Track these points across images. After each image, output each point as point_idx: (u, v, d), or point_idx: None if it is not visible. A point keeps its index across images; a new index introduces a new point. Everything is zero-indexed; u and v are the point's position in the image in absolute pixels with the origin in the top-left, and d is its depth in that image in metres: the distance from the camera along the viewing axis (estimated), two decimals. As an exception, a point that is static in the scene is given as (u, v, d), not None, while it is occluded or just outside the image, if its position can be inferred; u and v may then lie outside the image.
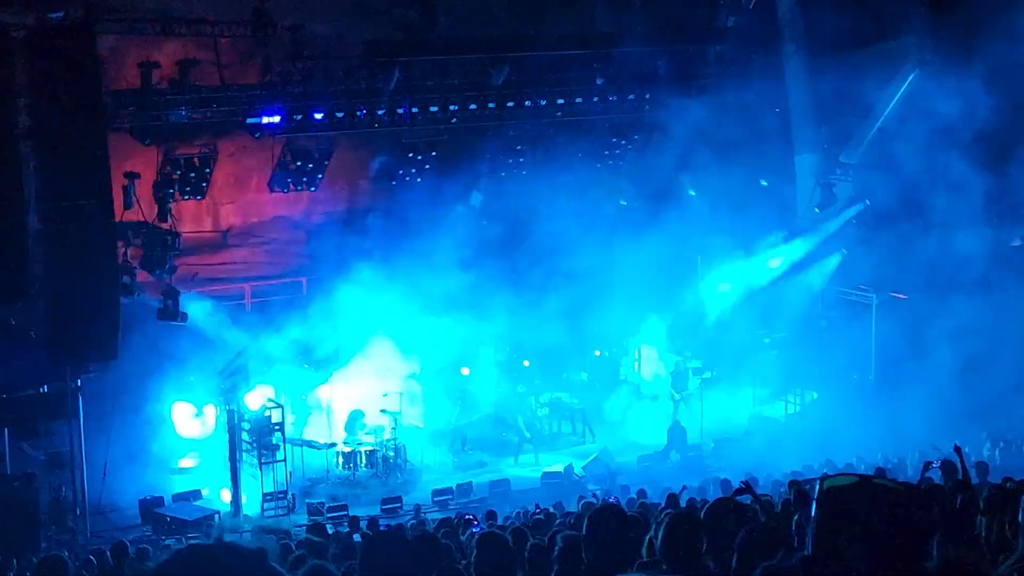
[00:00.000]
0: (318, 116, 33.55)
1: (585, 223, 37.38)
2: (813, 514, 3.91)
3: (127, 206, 31.95)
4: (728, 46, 37.95)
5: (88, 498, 30.93)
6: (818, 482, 4.01)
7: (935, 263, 33.60)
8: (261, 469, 31.90)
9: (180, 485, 33.05)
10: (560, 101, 36.52)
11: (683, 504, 21.61)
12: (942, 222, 33.57)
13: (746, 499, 12.93)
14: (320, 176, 37.46)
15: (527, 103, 36.18)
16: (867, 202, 37.69)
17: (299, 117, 33.48)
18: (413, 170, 38.04)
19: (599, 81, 36.68)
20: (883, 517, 3.75)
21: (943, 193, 33.55)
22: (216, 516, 30.58)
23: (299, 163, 36.78)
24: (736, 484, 25.89)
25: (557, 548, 9.75)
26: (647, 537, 9.31)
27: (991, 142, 32.69)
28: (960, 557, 8.77)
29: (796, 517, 9.71)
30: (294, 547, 18.75)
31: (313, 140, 35.92)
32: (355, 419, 34.64)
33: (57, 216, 28.70)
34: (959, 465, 15.67)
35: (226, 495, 32.09)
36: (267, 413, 32.54)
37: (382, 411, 35.13)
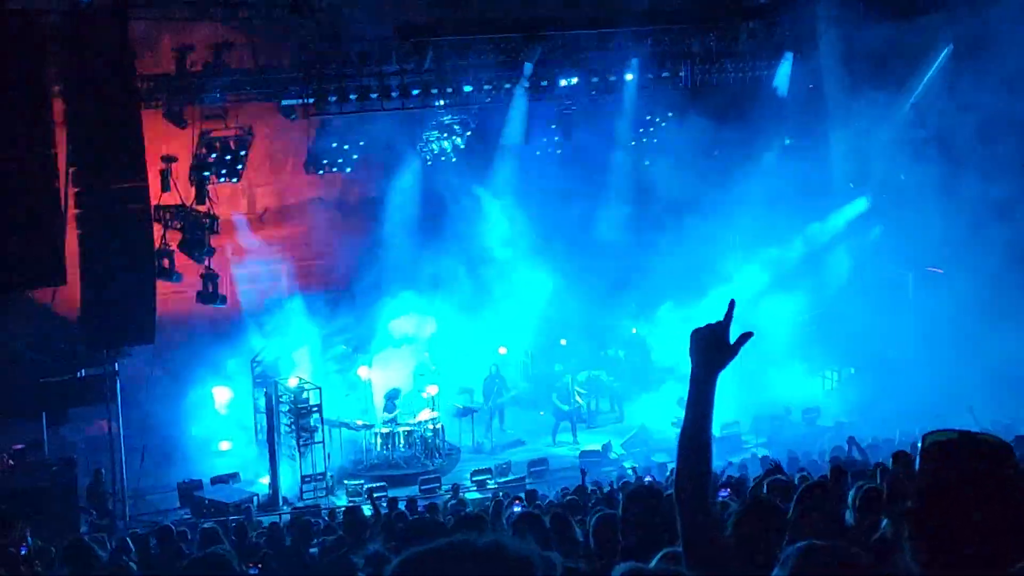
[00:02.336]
0: (352, 97, 33.52)
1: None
2: (917, 469, 3.94)
3: (164, 189, 32.05)
4: (761, 22, 37.73)
5: (127, 482, 31.04)
6: (920, 438, 4.05)
7: (972, 238, 33.41)
8: (300, 451, 31.96)
9: (219, 468, 33.16)
10: (595, 80, 36.39)
11: (723, 479, 21.61)
12: (978, 196, 33.38)
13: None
14: (356, 157, 37.46)
15: (560, 82, 36.07)
16: (902, 176, 37.56)
17: (333, 99, 33.47)
18: (449, 149, 38.18)
19: (633, 60, 36.54)
20: (986, 469, 3.79)
21: (979, 168, 33.37)
22: (254, 498, 30.65)
23: (333, 144, 36.81)
24: (777, 459, 25.99)
25: (591, 528, 9.74)
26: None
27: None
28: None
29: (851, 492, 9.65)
30: (334, 526, 18.82)
31: (347, 122, 35.89)
32: (392, 398, 34.65)
33: (93, 200, 28.77)
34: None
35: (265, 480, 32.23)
36: (305, 395, 32.58)
37: (419, 391, 35.19)
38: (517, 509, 19.61)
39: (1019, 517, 3.77)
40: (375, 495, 28.02)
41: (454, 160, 38.82)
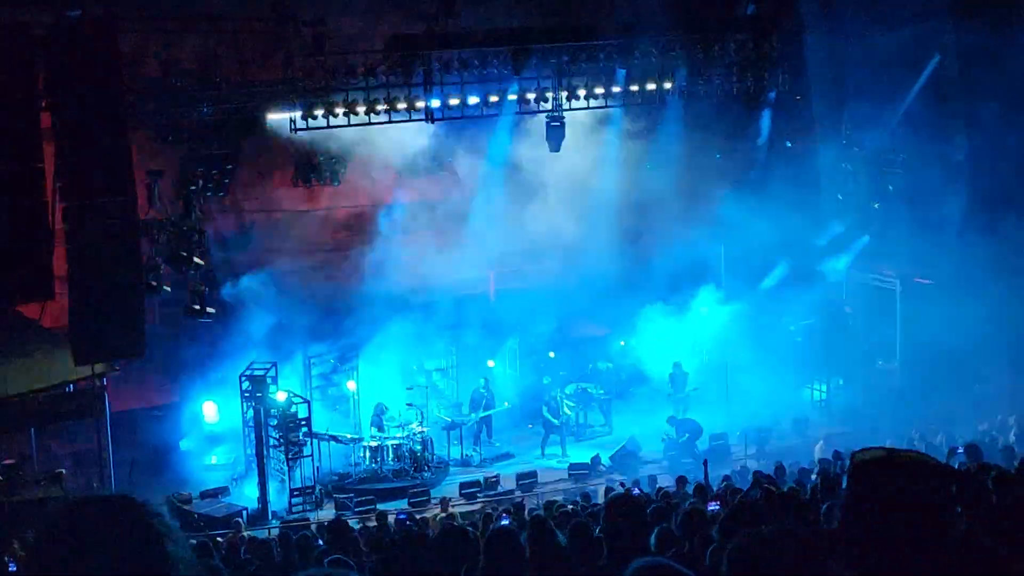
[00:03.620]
0: (340, 111, 33.50)
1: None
2: (844, 487, 3.96)
3: (151, 204, 32.01)
4: (748, 34, 37.77)
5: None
6: (849, 456, 4.07)
7: (961, 249, 33.49)
8: (288, 464, 31.96)
9: (209, 481, 33.14)
10: (581, 92, 36.38)
11: (714, 490, 21.62)
12: (967, 207, 33.50)
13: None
14: (343, 171, 37.46)
15: (548, 94, 36.04)
16: (891, 187, 37.69)
17: (320, 112, 33.45)
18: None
19: (620, 72, 36.53)
20: (912, 489, 3.80)
21: (968, 179, 33.49)
22: (243, 512, 30.63)
23: (321, 158, 36.81)
24: (767, 471, 26.04)
25: (568, 538, 9.74)
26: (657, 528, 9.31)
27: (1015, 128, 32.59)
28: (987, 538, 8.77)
29: (824, 507, 9.70)
30: (320, 542, 18.81)
31: (335, 135, 35.88)
32: (380, 412, 34.67)
33: (80, 215, 28.71)
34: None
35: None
36: (293, 408, 32.57)
37: (408, 405, 35.21)
38: (505, 522, 19.62)
39: (939, 536, 3.78)
40: (360, 510, 28.08)
41: (443, 172, 38.82)
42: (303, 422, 32.45)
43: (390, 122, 34.75)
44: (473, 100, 35.04)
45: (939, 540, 3.76)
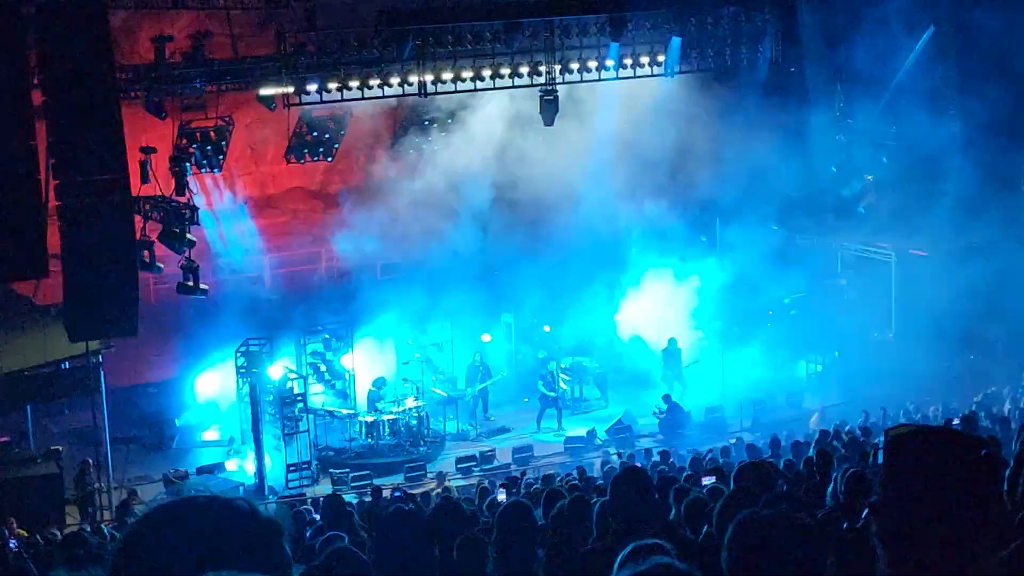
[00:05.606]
0: (332, 86, 33.43)
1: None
2: (880, 462, 3.96)
3: (144, 180, 31.88)
4: (740, 7, 37.65)
5: (112, 473, 31.01)
6: (883, 433, 4.07)
7: (956, 221, 33.50)
8: (284, 440, 31.95)
9: (205, 458, 33.18)
10: (574, 66, 36.27)
11: (708, 466, 21.62)
12: (962, 178, 33.47)
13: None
14: (336, 146, 37.42)
15: (542, 68, 35.92)
16: (884, 159, 37.67)
17: (313, 87, 33.37)
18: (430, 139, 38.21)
19: (613, 45, 36.42)
20: (948, 463, 3.80)
21: (960, 151, 33.48)
22: (240, 488, 30.64)
23: (314, 133, 36.75)
24: (760, 445, 26.06)
25: (595, 514, 9.71)
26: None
27: (1007, 102, 32.56)
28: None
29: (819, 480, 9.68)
30: (317, 517, 18.81)
31: (328, 110, 35.83)
32: (378, 387, 34.69)
33: (74, 192, 28.66)
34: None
35: (250, 463, 32.27)
36: (289, 384, 32.58)
37: (404, 379, 35.22)
38: (501, 496, 19.64)
39: (981, 511, 3.77)
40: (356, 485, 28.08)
41: (436, 149, 38.71)
42: (299, 397, 32.46)
43: (383, 97, 34.70)
44: (467, 74, 34.90)
45: (979, 512, 3.76)
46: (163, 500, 3.14)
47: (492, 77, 35.33)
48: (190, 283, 32.27)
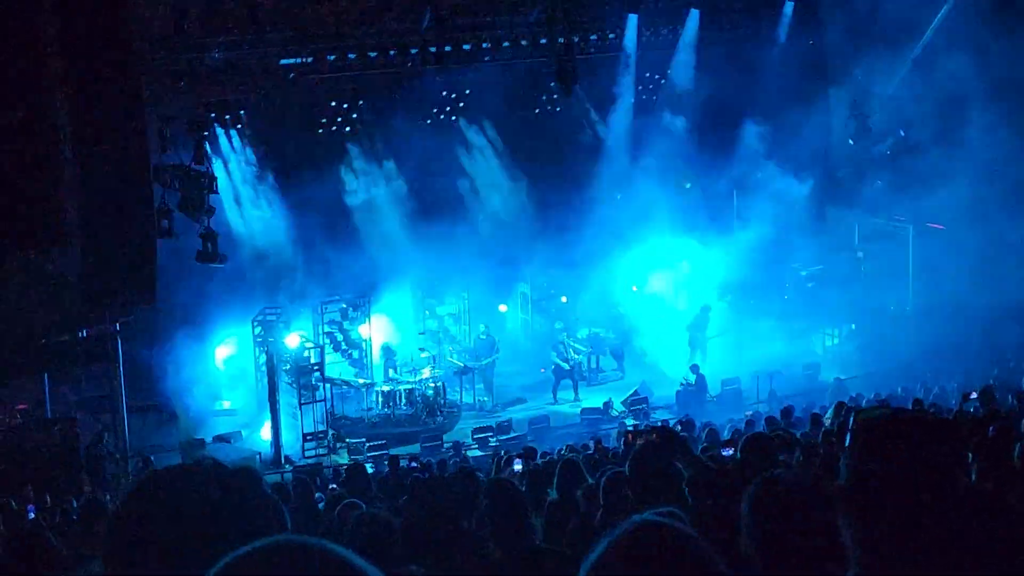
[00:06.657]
0: (351, 56, 33.39)
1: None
2: (847, 446, 3.91)
3: (163, 149, 31.92)
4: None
5: (129, 441, 31.10)
6: (852, 415, 4.01)
7: (974, 193, 33.36)
8: (301, 409, 32.00)
9: (221, 426, 33.26)
10: (593, 38, 36.20)
11: (726, 437, 21.60)
12: (978, 152, 33.33)
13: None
14: (355, 115, 37.37)
15: (560, 40, 35.85)
16: (901, 132, 37.53)
17: (332, 57, 33.34)
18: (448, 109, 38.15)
19: (631, 16, 36.34)
20: (915, 447, 3.75)
21: (980, 123, 33.33)
22: (257, 457, 30.71)
23: (333, 103, 36.69)
24: (776, 415, 26.01)
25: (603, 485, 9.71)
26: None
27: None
28: (993, 486, 8.76)
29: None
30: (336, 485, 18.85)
31: (347, 80, 35.77)
32: (389, 355, 34.74)
33: (92, 160, 28.66)
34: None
35: (266, 432, 32.35)
36: (305, 353, 32.63)
37: (420, 350, 35.24)
38: (518, 467, 19.66)
39: (950, 497, 3.74)
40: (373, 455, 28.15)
41: (454, 119, 38.65)
42: (315, 367, 32.52)
43: (398, 70, 34.68)
44: (483, 44, 34.83)
45: (945, 497, 3.73)
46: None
47: (512, 47, 35.28)
48: (209, 251, 32.30)
